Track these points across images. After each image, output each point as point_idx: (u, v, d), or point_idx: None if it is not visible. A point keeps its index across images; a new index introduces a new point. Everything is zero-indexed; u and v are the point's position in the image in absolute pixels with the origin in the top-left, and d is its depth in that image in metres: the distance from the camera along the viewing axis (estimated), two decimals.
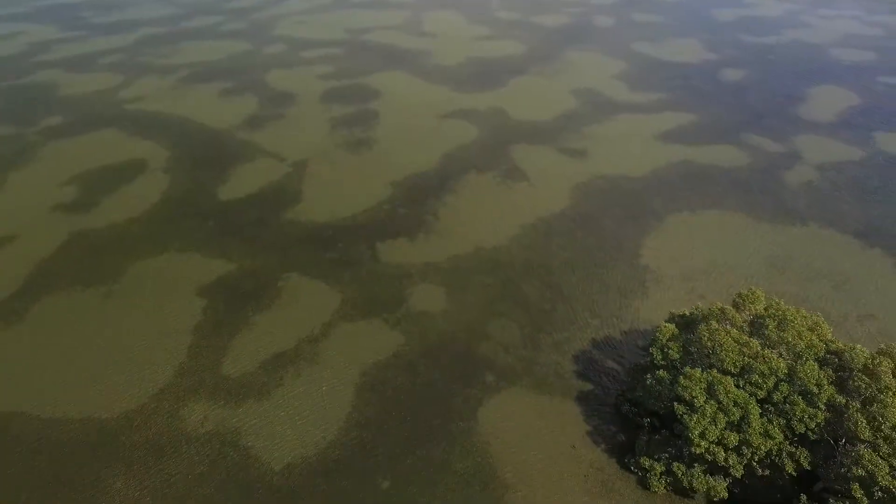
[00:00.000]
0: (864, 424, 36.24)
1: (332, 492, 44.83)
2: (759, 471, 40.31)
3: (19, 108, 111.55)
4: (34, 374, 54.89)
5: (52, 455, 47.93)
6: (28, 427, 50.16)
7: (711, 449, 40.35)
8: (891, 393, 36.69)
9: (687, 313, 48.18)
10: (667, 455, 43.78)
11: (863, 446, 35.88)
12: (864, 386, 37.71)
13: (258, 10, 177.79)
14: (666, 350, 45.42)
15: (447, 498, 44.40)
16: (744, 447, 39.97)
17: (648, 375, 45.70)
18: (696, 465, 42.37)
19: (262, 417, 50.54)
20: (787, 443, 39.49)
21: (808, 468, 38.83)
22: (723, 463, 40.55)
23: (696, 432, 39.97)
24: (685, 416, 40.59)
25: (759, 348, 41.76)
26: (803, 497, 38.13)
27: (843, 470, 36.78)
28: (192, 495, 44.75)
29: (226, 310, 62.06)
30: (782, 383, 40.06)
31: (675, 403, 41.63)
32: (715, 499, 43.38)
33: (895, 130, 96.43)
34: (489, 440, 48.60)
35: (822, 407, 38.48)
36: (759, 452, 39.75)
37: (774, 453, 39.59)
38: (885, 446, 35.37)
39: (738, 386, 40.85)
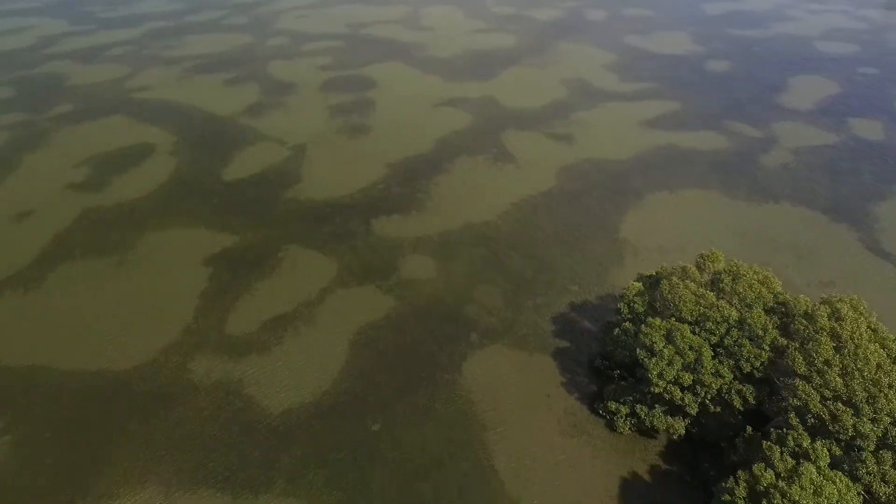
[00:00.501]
0: (800, 360, 40.46)
1: (326, 432, 49.20)
2: (712, 408, 44.55)
3: (32, 96, 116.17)
4: (53, 332, 59.47)
5: (71, 401, 52.41)
6: (49, 378, 54.68)
7: (669, 388, 44.65)
8: (825, 333, 40.89)
9: (654, 273, 52.39)
10: (631, 399, 48.06)
11: (798, 380, 40.09)
12: (803, 329, 41.97)
13: (261, 4, 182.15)
14: (632, 304, 49.71)
15: (432, 438, 48.72)
16: (698, 386, 44.27)
17: (617, 328, 50.00)
18: (656, 406, 46.72)
19: (262, 369, 54.98)
20: (736, 381, 43.76)
21: (754, 403, 43.11)
22: (679, 401, 44.84)
23: (655, 373, 44.25)
24: (645, 360, 44.85)
25: (714, 299, 46.00)
26: (749, 428, 42.34)
27: (783, 404, 41.00)
28: (198, 434, 49.19)
29: (229, 277, 66.55)
30: (733, 329, 44.29)
31: (638, 349, 45.89)
32: (674, 436, 47.84)
33: (869, 117, 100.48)
34: (471, 389, 52.96)
35: (767, 348, 42.75)
36: (711, 391, 44.04)
37: (724, 391, 43.86)
38: (818, 378, 39.54)
39: (693, 332, 45.11)
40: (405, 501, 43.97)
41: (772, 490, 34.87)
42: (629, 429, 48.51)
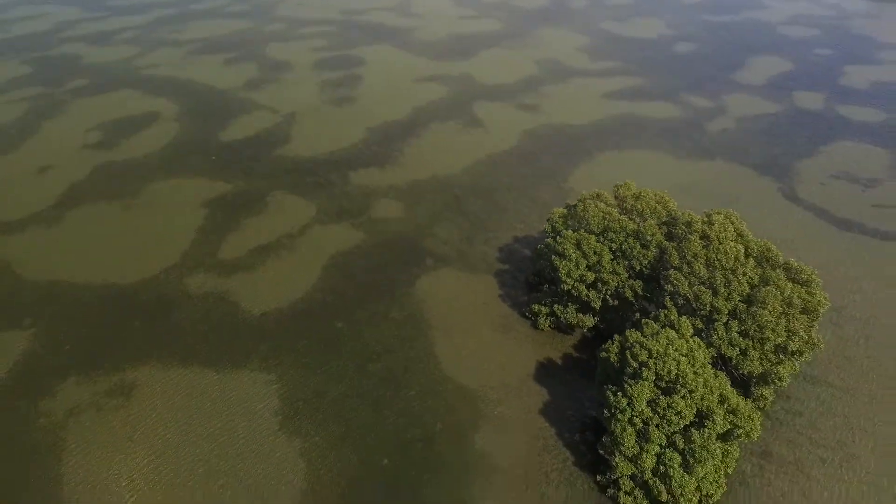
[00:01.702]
0: (675, 255, 49.75)
1: (297, 329, 58.99)
2: (611, 301, 53.95)
3: (49, 73, 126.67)
4: (70, 256, 69.70)
5: (85, 308, 62.45)
6: (67, 290, 64.80)
7: (576, 286, 54.03)
8: (697, 234, 50.12)
9: (577, 202, 61.66)
10: (550, 300, 57.50)
11: (673, 270, 49.36)
12: (681, 232, 51.24)
13: None
14: (555, 225, 59.06)
15: (386, 333, 58.37)
16: (599, 283, 53.65)
17: (541, 244, 59.42)
18: (569, 304, 56.11)
19: (247, 284, 64.89)
20: (630, 279, 53.08)
21: (643, 294, 52.43)
22: (585, 297, 54.21)
23: (564, 272, 53.67)
24: (557, 262, 54.28)
25: (617, 215, 55.38)
26: (637, 315, 51.59)
27: (664, 292, 50.28)
28: (192, 331, 59.09)
29: (223, 217, 76.54)
30: (630, 237, 53.59)
31: (553, 256, 55.30)
32: (585, 331, 57.32)
33: (813, 90, 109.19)
34: (423, 300, 62.59)
35: (653, 249, 52.05)
36: (609, 287, 53.40)
37: (620, 286, 53.18)
38: (686, 268, 48.80)
39: (598, 241, 54.47)
40: (359, 376, 53.69)
41: (635, 344, 44.19)
42: (548, 326, 57.98)
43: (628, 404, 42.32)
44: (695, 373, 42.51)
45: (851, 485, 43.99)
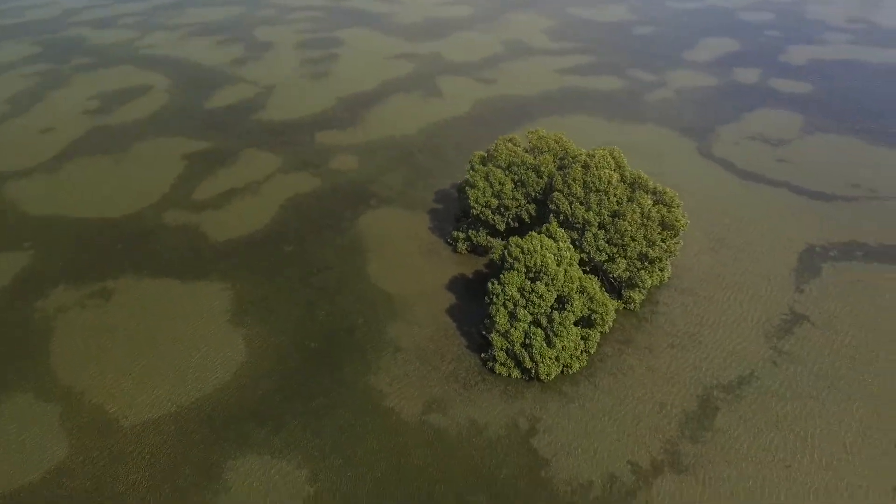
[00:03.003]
0: (559, 180, 59.41)
1: (253, 252, 69.41)
2: (512, 224, 63.76)
3: (56, 52, 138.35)
4: (66, 197, 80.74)
5: (76, 235, 73.32)
6: (62, 222, 75.79)
7: (483, 211, 63.89)
8: (580, 164, 59.69)
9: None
10: (466, 227, 67.41)
11: (556, 192, 59.04)
12: (569, 164, 60.90)
13: None
14: (473, 164, 68.88)
15: (328, 255, 68.60)
16: (502, 209, 63.45)
17: (461, 181, 69.28)
18: (481, 229, 65.98)
19: (214, 219, 75.44)
20: (527, 203, 62.85)
21: (535, 216, 62.21)
22: (491, 221, 64.07)
23: (473, 199, 63.55)
24: (468, 190, 64.15)
25: (521, 153, 65.15)
26: (531, 233, 61.23)
27: (549, 211, 59.99)
28: (165, 252, 69.74)
29: (200, 168, 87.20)
30: (529, 170, 63.33)
31: (466, 187, 65.18)
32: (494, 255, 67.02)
33: (753, 66, 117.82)
34: (363, 231, 72.78)
35: (545, 178, 61.76)
36: (510, 212, 63.22)
37: (519, 210, 62.95)
38: (566, 190, 58.46)
39: (504, 174, 64.23)
40: (300, 285, 63.92)
41: (513, 244, 53.94)
42: (465, 249, 67.93)
43: (502, 290, 52.14)
44: (558, 265, 52.24)
45: (687, 359, 53.54)
